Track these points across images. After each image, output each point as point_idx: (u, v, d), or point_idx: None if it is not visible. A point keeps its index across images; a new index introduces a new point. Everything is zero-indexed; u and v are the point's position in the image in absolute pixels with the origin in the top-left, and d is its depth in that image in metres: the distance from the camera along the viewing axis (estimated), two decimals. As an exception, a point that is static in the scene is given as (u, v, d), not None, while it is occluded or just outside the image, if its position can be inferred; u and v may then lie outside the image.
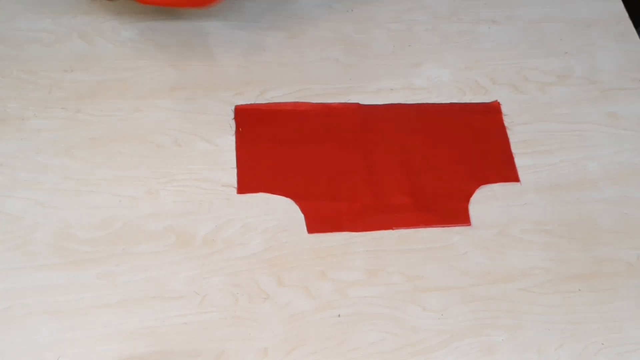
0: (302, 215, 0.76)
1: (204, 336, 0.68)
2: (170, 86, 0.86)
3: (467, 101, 0.88)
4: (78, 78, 0.85)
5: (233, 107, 0.84)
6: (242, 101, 0.85)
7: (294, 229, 0.75)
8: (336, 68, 0.89)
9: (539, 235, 0.77)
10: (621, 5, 0.98)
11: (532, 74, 0.92)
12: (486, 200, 0.79)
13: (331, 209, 0.77)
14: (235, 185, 0.78)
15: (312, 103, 0.85)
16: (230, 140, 0.82)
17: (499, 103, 0.87)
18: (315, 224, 0.76)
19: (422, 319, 0.70)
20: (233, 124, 0.83)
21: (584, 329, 0.70)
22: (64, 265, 0.71)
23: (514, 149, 0.84)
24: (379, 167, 0.80)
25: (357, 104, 0.85)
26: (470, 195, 0.79)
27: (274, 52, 0.90)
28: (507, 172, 0.82)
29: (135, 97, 0.84)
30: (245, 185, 0.78)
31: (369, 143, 0.82)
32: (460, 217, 0.78)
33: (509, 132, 0.85)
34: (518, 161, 0.83)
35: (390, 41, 0.93)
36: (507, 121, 0.86)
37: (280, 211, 0.77)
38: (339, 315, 0.70)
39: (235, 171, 0.79)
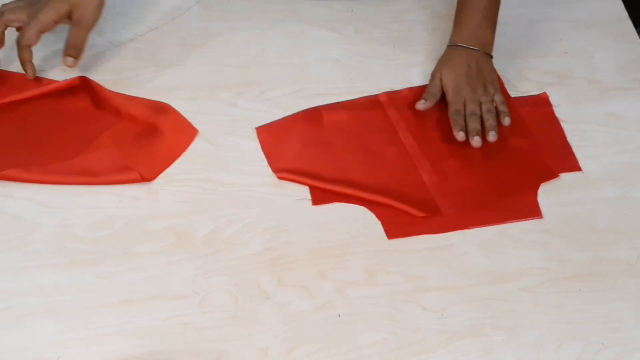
0: (302, 215, 0.76)
1: (204, 336, 0.68)
2: (170, 86, 0.86)
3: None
4: (78, 78, 0.85)
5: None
6: (242, 101, 0.85)
7: (294, 229, 0.75)
8: (336, 68, 0.89)
9: (539, 235, 0.77)
10: (621, 5, 0.98)
11: (532, 74, 0.92)
12: (486, 200, 0.79)
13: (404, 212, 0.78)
14: (238, 185, 0.78)
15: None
16: (230, 140, 0.82)
17: (546, 95, 0.88)
18: (394, 227, 0.76)
19: (422, 319, 0.70)
20: (233, 124, 0.83)
21: (584, 329, 0.70)
22: (64, 265, 0.71)
23: (514, 149, 0.84)
24: (441, 167, 0.81)
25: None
26: (537, 187, 0.80)
27: (274, 52, 0.90)
28: (567, 162, 0.83)
29: (135, 97, 0.84)
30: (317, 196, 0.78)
31: (423, 139, 0.84)
32: (531, 210, 0.78)
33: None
34: (518, 161, 0.83)
35: (390, 41, 0.93)
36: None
37: (280, 211, 0.77)
38: (339, 315, 0.70)
39: (236, 171, 0.79)
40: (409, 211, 0.77)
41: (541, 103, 0.87)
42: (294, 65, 0.89)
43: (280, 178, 0.79)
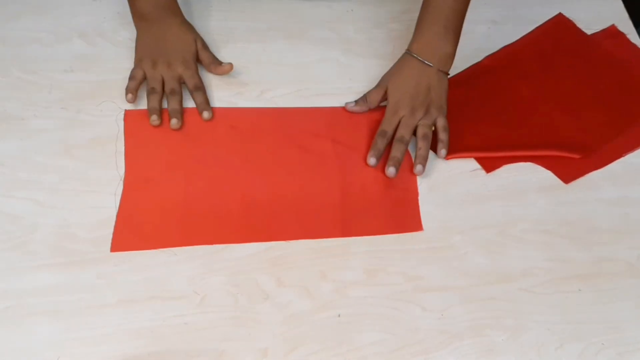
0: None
1: (204, 336, 0.68)
2: (170, 86, 0.86)
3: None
4: (78, 78, 0.85)
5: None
6: (243, 101, 0.85)
7: (294, 229, 0.75)
8: (336, 68, 0.89)
9: (539, 235, 0.77)
10: (621, 5, 0.99)
11: (532, 74, 0.92)
12: (486, 200, 0.79)
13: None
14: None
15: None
16: (230, 140, 0.82)
17: (615, 26, 0.93)
18: (566, 172, 0.81)
19: (422, 319, 0.70)
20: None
21: (584, 329, 0.70)
22: (64, 265, 0.71)
23: (514, 149, 0.84)
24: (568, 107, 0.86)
25: None
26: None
27: (274, 52, 0.90)
28: None
29: (135, 97, 0.84)
30: None
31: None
32: None
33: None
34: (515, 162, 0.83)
35: (390, 41, 0.93)
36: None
37: (280, 211, 0.77)
38: (339, 315, 0.70)
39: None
40: (568, 155, 0.82)
41: (613, 35, 0.92)
42: (294, 65, 0.89)
43: (448, 159, 0.81)
